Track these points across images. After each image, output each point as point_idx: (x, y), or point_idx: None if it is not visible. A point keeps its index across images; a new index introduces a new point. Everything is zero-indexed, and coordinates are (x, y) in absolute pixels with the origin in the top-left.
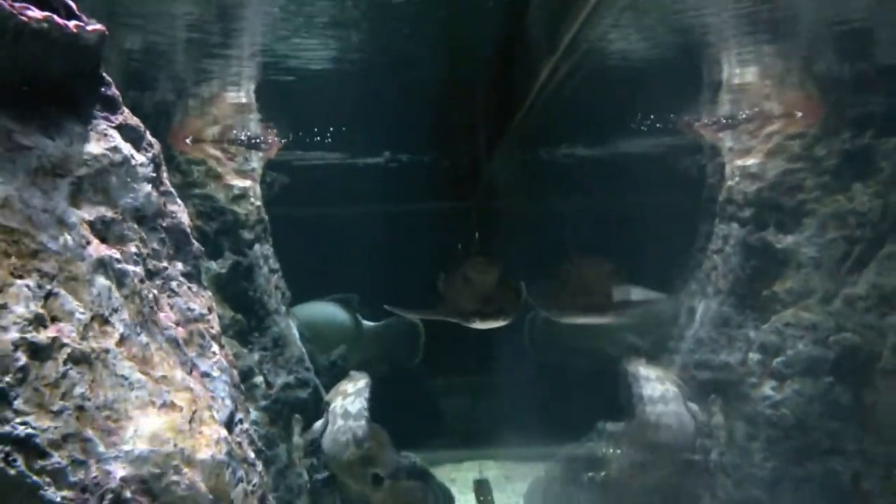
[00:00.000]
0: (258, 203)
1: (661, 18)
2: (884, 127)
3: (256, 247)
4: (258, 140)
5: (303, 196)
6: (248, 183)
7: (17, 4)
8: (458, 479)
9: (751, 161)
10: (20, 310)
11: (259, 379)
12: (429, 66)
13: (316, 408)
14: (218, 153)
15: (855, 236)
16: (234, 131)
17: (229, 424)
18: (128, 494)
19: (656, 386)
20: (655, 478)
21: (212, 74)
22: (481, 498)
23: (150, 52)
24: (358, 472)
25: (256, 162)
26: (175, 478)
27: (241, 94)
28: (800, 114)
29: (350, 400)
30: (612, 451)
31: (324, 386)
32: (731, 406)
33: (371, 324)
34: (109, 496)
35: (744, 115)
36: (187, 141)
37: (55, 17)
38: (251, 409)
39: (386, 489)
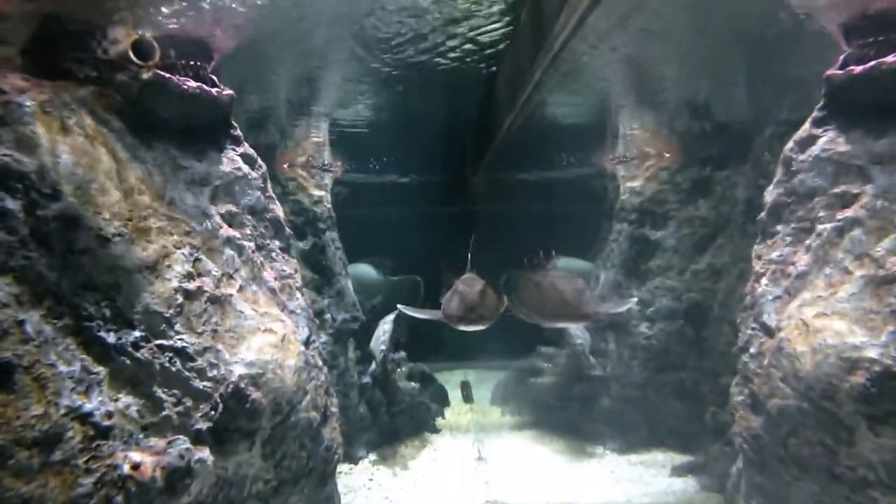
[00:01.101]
0: (328, 206)
1: (584, 85)
2: (718, 163)
3: (327, 233)
4: (329, 165)
5: (356, 202)
6: (322, 193)
7: (181, 79)
8: (451, 381)
9: (636, 183)
10: (178, 268)
11: (328, 316)
12: (436, 119)
13: (364, 335)
14: (304, 173)
15: (699, 233)
16: (314, 160)
17: (307, 343)
18: (242, 385)
19: (576, 331)
20: (569, 382)
21: (300, 123)
22: (464, 392)
23: (263, 108)
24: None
25: (328, 179)
26: (272, 376)
27: (319, 136)
28: (667, 154)
29: (384, 328)
30: (545, 365)
31: (367, 322)
32: (620, 338)
33: (393, 278)
34: (231, 386)
35: (631, 155)
36: (285, 165)
37: (204, 86)
38: (322, 335)
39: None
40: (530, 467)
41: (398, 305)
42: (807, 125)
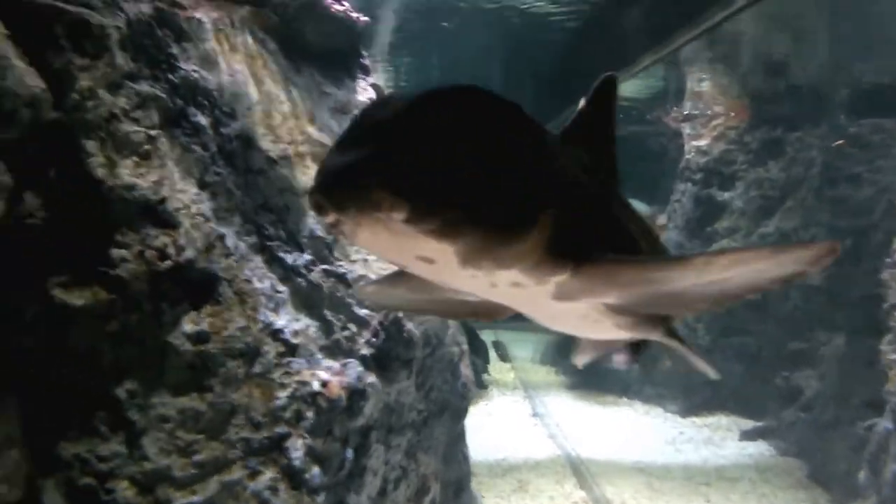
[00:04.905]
0: None
1: None
2: (790, 124)
3: None
4: None
5: None
6: None
7: (329, 1)
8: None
9: (703, 142)
10: None
11: None
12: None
13: None
14: None
15: (767, 195)
16: None
17: None
18: (400, 314)
19: None
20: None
21: None
22: (499, 352)
23: None
24: None
25: None
26: None
27: None
28: (735, 113)
29: None
30: None
31: None
32: None
33: None
34: (391, 314)
35: (698, 112)
36: None
37: (349, 10)
38: None
39: None
40: (589, 425)
41: None
42: None
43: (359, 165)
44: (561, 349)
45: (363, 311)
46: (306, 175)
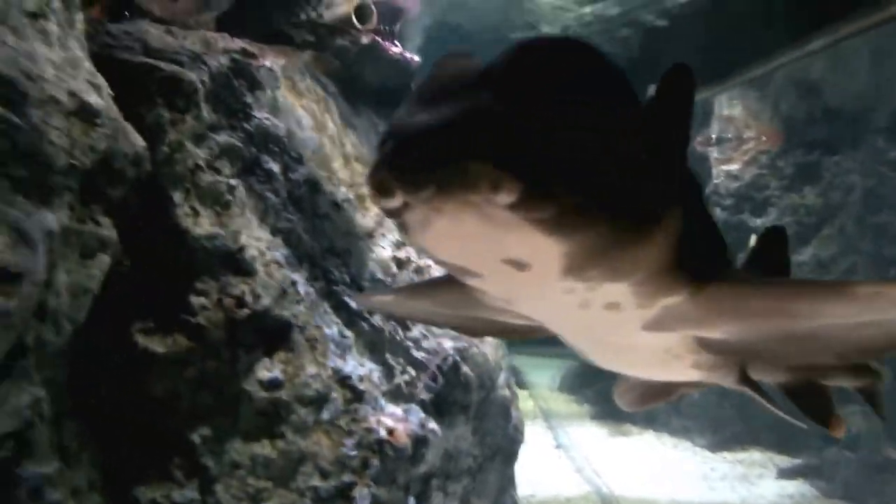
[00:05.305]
0: None
1: None
2: (827, 148)
3: None
4: None
5: None
6: None
7: (386, 43)
8: None
9: (733, 167)
10: (390, 237)
11: None
12: None
13: None
14: None
15: (803, 222)
16: None
17: None
18: (450, 353)
19: None
20: None
21: None
22: (515, 378)
23: None
24: None
25: None
26: (475, 350)
27: None
28: (765, 137)
29: None
30: None
31: None
32: None
33: None
34: (450, 358)
35: (728, 136)
36: None
37: (405, 52)
38: None
39: None
40: (615, 458)
41: None
42: None
43: (448, 130)
44: (580, 376)
45: (420, 354)
46: (366, 218)
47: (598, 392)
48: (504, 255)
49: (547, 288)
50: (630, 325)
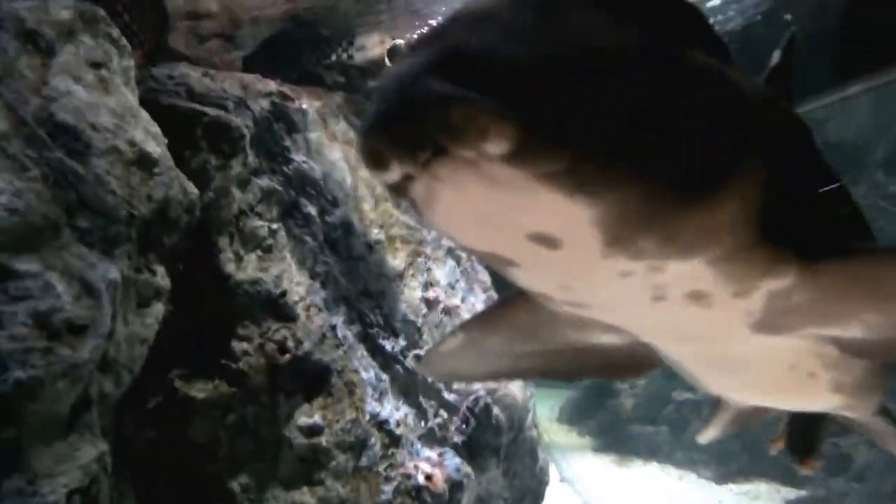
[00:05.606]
0: None
1: None
2: None
3: None
4: None
5: None
6: None
7: None
8: None
9: None
10: (420, 278)
11: None
12: None
13: None
14: None
15: None
16: None
17: None
18: (482, 394)
19: None
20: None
21: None
22: None
23: None
24: None
25: None
26: (505, 391)
27: None
28: None
29: None
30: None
31: None
32: None
33: None
34: (482, 401)
35: None
36: None
37: None
38: None
39: None
40: (621, 491)
41: None
42: None
43: (427, 75)
44: (580, 407)
45: (451, 397)
46: (397, 259)
47: (600, 423)
48: (525, 228)
49: (596, 271)
50: (735, 325)
